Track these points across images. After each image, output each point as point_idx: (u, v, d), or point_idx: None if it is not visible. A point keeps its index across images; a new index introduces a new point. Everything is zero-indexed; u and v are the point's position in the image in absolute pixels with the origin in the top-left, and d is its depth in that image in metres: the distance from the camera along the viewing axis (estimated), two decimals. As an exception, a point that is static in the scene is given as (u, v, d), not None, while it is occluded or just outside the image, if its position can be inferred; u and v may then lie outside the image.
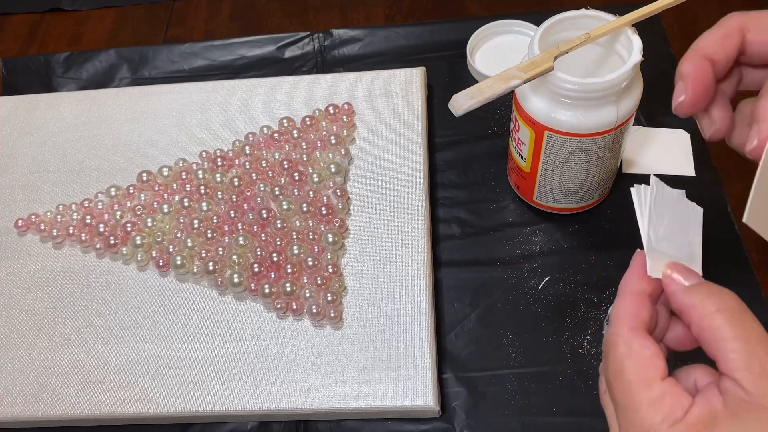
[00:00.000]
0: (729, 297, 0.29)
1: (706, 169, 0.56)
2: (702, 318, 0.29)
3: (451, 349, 0.50)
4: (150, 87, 0.65)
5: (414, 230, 0.53)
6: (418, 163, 0.57)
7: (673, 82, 0.65)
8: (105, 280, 0.54)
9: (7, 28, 0.76)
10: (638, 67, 0.42)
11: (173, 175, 0.58)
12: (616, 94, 0.43)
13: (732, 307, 0.29)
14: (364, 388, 0.48)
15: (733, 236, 0.53)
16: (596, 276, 0.52)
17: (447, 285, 0.53)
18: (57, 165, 0.61)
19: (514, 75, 0.41)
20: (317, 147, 0.58)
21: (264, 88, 0.63)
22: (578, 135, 0.45)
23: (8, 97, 0.66)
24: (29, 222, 0.57)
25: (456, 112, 0.40)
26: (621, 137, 0.47)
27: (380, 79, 0.62)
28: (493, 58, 0.65)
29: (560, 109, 0.44)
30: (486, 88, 0.40)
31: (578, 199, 0.52)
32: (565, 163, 0.47)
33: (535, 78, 0.41)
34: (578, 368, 0.48)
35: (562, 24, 0.45)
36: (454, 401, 0.48)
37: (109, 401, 0.49)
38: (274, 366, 0.49)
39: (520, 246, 0.54)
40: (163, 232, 0.55)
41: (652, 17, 0.42)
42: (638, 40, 0.42)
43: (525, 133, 0.47)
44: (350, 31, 0.69)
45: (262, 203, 0.55)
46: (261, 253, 0.53)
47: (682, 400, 0.28)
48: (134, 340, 0.51)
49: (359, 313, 0.51)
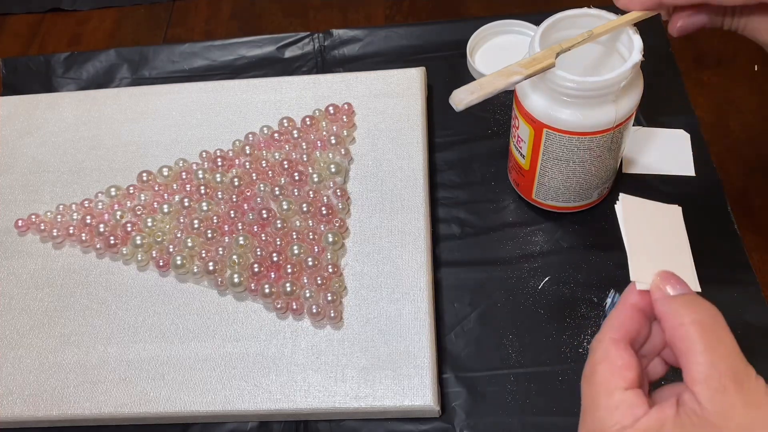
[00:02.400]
0: (705, 309, 0.29)
1: (706, 169, 0.56)
2: (674, 327, 0.29)
3: (451, 349, 0.50)
4: (150, 87, 0.65)
5: (414, 230, 0.53)
6: (418, 163, 0.57)
7: (672, 82, 0.65)
8: (105, 280, 0.54)
9: (7, 28, 0.76)
10: (638, 66, 0.42)
11: (173, 175, 0.58)
12: (615, 93, 0.43)
13: (705, 320, 0.29)
14: (364, 388, 0.47)
15: (733, 236, 0.53)
16: (596, 276, 0.52)
17: (447, 285, 0.53)
18: (57, 165, 0.61)
19: (515, 71, 0.41)
20: (317, 147, 0.58)
21: (264, 88, 0.63)
22: (577, 133, 0.45)
23: (8, 97, 0.66)
24: (29, 222, 0.57)
25: (456, 107, 0.40)
26: (620, 137, 0.47)
27: (380, 79, 0.62)
28: (492, 58, 0.65)
29: (559, 107, 0.44)
30: (486, 83, 0.40)
31: (577, 198, 0.52)
32: (563, 161, 0.47)
33: (536, 74, 0.41)
34: (578, 368, 0.48)
35: (564, 22, 0.45)
36: (454, 401, 0.48)
37: (109, 401, 0.49)
38: (274, 366, 0.49)
39: (520, 246, 0.54)
40: (163, 232, 0.55)
41: (652, 17, 0.42)
42: (639, 40, 0.42)
43: (524, 130, 0.47)
44: (350, 31, 0.69)
45: (262, 203, 0.55)
46: (261, 253, 0.53)
47: (635, 410, 0.29)
48: (134, 340, 0.51)
49: (359, 313, 0.51)
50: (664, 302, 0.31)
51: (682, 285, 0.31)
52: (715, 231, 0.53)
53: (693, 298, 0.30)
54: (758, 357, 0.47)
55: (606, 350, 0.31)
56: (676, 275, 0.31)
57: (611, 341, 0.31)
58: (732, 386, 0.27)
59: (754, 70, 0.62)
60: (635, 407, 0.29)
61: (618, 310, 0.32)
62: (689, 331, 0.29)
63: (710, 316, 0.29)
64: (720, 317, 0.29)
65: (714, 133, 0.59)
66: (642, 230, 0.34)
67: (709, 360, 0.28)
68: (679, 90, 0.61)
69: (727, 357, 0.28)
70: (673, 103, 0.60)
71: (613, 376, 0.30)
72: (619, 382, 0.30)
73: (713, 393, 0.27)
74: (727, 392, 0.27)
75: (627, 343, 0.31)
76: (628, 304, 0.32)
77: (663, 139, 0.58)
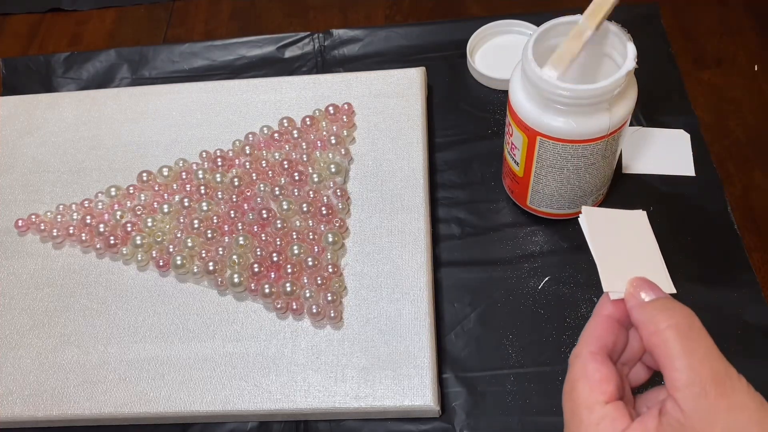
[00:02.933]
0: (681, 313, 0.29)
1: (706, 169, 0.56)
2: (651, 334, 0.29)
3: (451, 349, 0.50)
4: (150, 87, 0.65)
5: (414, 230, 0.53)
6: (418, 163, 0.57)
7: (672, 82, 0.65)
8: (105, 280, 0.54)
9: (7, 28, 0.76)
10: (632, 74, 0.42)
11: (173, 175, 0.58)
12: (608, 101, 0.43)
13: (681, 324, 0.28)
14: (364, 388, 0.48)
15: (733, 236, 0.53)
16: (596, 276, 0.51)
17: (447, 285, 0.53)
18: (57, 165, 0.61)
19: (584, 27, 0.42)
20: (317, 147, 0.58)
21: (264, 88, 0.63)
22: (570, 141, 0.45)
23: (8, 97, 0.66)
24: (29, 222, 0.57)
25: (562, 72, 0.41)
26: (614, 144, 0.47)
27: (380, 79, 0.62)
28: (493, 58, 0.65)
29: (553, 115, 0.44)
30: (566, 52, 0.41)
31: (571, 205, 0.52)
32: (557, 168, 0.47)
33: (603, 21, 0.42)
34: (578, 368, 0.48)
35: (557, 29, 0.45)
36: (454, 401, 0.48)
37: (109, 401, 0.49)
38: (274, 366, 0.49)
39: (520, 246, 0.54)
40: (163, 232, 0.55)
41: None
42: (633, 48, 0.42)
43: (518, 137, 0.47)
44: (350, 31, 0.69)
45: (262, 203, 0.55)
46: (261, 253, 0.53)
47: (617, 423, 0.29)
48: (134, 340, 0.51)
49: (359, 313, 0.51)
50: (639, 309, 0.30)
51: (655, 290, 0.31)
52: (715, 231, 0.53)
53: (667, 302, 0.30)
54: (758, 357, 0.48)
55: (584, 365, 0.31)
56: (649, 281, 0.31)
57: (589, 355, 0.31)
58: (713, 390, 0.27)
59: (754, 70, 0.62)
60: (616, 421, 0.29)
61: (594, 323, 0.32)
62: (666, 337, 0.28)
63: (685, 318, 0.29)
64: (695, 319, 0.29)
65: (714, 133, 0.59)
66: (609, 240, 0.34)
67: (688, 364, 0.27)
68: (679, 90, 0.61)
69: (706, 359, 0.27)
70: (673, 103, 0.60)
71: (593, 391, 0.30)
72: (598, 396, 0.30)
73: (695, 399, 0.27)
74: (708, 396, 0.27)
75: (605, 356, 0.31)
76: (602, 315, 0.32)
77: (663, 139, 0.58)
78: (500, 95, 0.63)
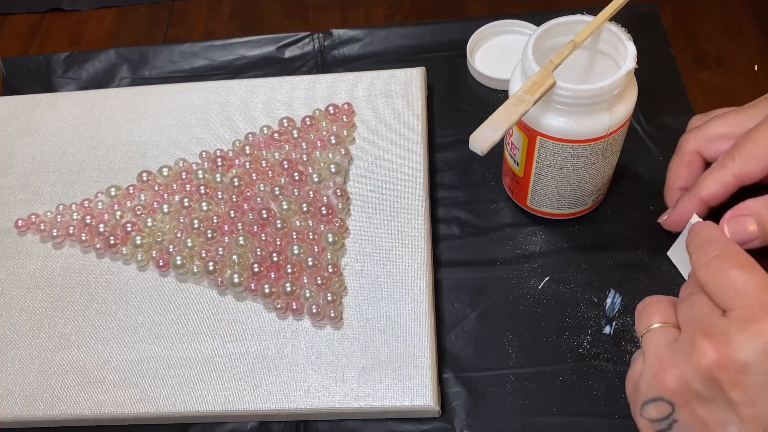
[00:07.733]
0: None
1: (706, 169, 0.56)
2: None
3: (451, 349, 0.50)
4: (150, 87, 0.65)
5: (414, 230, 0.53)
6: (418, 163, 0.57)
7: (672, 82, 0.65)
8: (105, 280, 0.54)
9: (7, 28, 0.76)
10: (632, 74, 0.42)
11: (173, 175, 0.58)
12: (608, 101, 0.43)
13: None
14: (364, 388, 0.48)
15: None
16: (596, 276, 0.52)
17: (447, 285, 0.53)
18: (57, 165, 0.61)
19: (524, 99, 0.41)
20: (317, 147, 0.58)
21: (264, 88, 0.63)
22: (570, 141, 0.45)
23: (8, 97, 0.66)
24: (29, 222, 0.57)
25: (481, 151, 0.40)
26: (614, 144, 0.47)
27: (380, 79, 0.62)
28: (493, 58, 0.65)
29: (553, 115, 0.44)
30: (504, 119, 0.41)
31: (571, 205, 0.52)
32: (557, 168, 0.47)
33: (542, 97, 0.41)
34: (578, 368, 0.48)
35: (557, 30, 0.45)
36: (454, 401, 0.48)
37: (109, 401, 0.49)
38: (274, 366, 0.49)
39: (520, 246, 0.54)
40: (163, 232, 0.55)
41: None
42: (633, 47, 0.42)
43: (518, 137, 0.47)
44: (350, 31, 0.69)
45: (262, 203, 0.55)
46: (261, 253, 0.53)
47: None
48: (134, 340, 0.51)
49: (359, 313, 0.51)
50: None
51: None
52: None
53: None
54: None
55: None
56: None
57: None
58: None
59: (754, 70, 0.62)
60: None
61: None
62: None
63: None
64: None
65: (714, 133, 0.59)
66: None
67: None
68: (679, 90, 0.61)
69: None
70: (673, 103, 0.60)
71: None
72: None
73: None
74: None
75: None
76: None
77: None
78: (500, 95, 0.63)
